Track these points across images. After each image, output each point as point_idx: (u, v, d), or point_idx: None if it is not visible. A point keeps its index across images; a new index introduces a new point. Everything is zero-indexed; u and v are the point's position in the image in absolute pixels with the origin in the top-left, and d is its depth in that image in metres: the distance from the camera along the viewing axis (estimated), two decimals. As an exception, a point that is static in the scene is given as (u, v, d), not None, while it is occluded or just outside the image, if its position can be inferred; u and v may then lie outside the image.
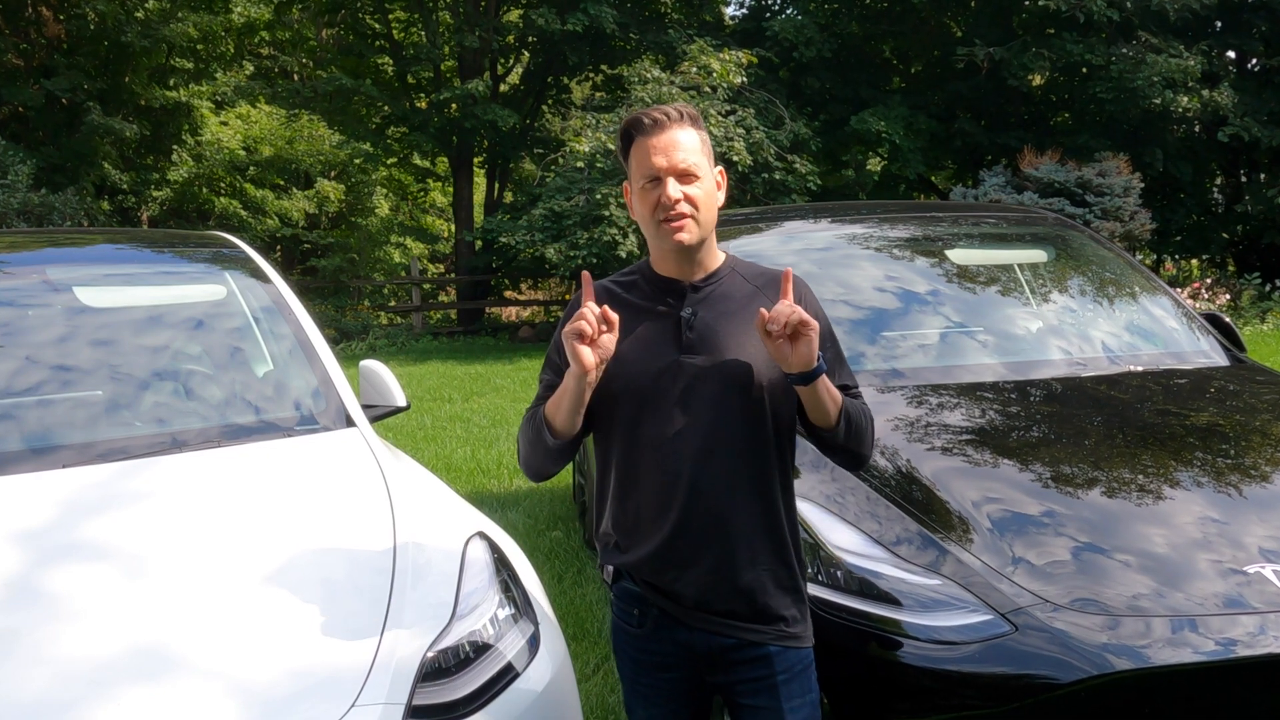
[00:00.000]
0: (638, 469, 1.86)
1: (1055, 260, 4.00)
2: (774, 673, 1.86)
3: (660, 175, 1.79)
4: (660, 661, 1.91)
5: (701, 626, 1.86)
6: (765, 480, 1.86)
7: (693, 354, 1.83)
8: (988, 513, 2.50)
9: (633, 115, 1.84)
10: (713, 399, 1.82)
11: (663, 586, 1.87)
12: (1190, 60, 15.99)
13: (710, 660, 1.88)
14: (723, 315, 1.86)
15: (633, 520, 1.88)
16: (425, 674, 1.96)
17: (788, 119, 15.94)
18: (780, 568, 1.88)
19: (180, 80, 18.46)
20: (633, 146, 1.84)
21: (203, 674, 1.84)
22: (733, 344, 1.84)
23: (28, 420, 2.69)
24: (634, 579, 1.90)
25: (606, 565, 1.98)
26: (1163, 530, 2.42)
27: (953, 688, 2.21)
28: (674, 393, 1.83)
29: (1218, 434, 2.92)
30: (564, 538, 5.19)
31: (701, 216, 1.82)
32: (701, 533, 1.83)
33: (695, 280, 1.88)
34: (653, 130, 1.81)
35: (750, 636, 1.86)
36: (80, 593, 2.01)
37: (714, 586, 1.84)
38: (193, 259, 3.58)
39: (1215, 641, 2.14)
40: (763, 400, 1.84)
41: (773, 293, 1.88)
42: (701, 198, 1.82)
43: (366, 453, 2.69)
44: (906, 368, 3.31)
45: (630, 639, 1.94)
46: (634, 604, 1.91)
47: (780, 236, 3.97)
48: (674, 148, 1.80)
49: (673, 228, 1.80)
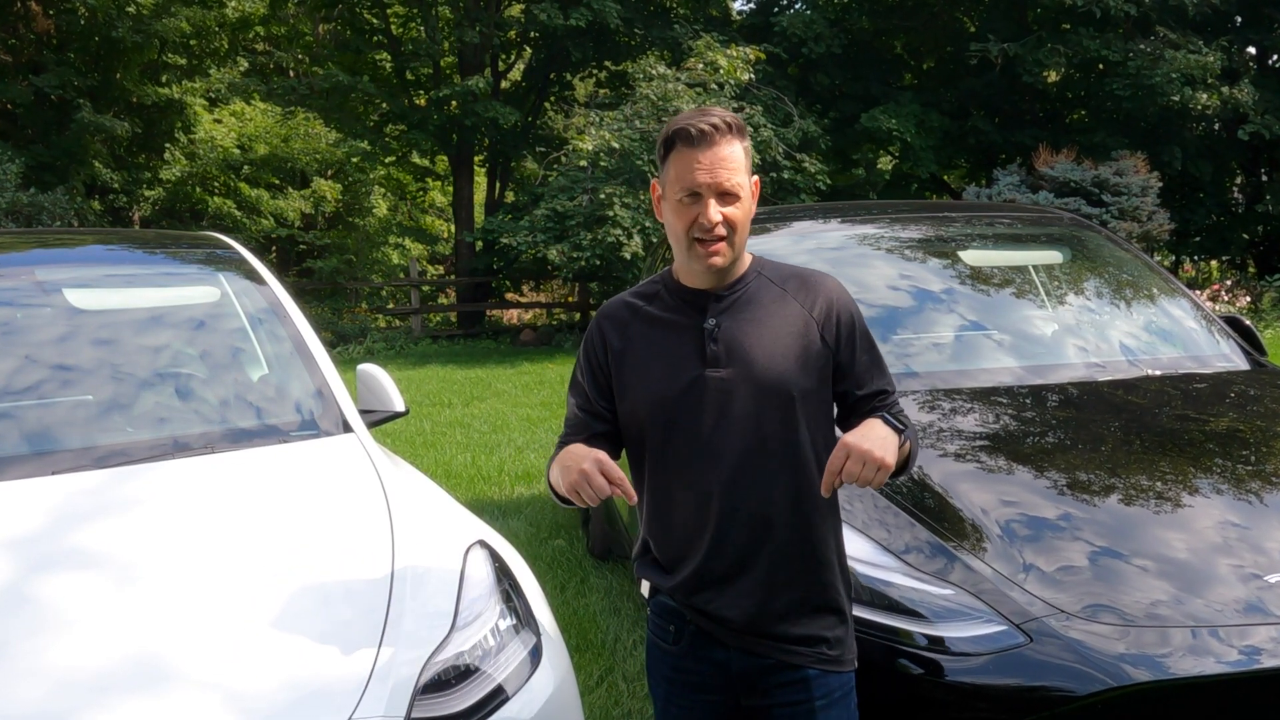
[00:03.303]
0: (670, 489, 1.81)
1: (1071, 261, 3.97)
2: (813, 697, 1.80)
3: (702, 193, 1.72)
4: (695, 681, 1.86)
5: (739, 646, 1.81)
6: (803, 497, 1.79)
7: (717, 367, 1.77)
8: (1001, 520, 2.47)
9: (680, 123, 1.74)
10: (742, 414, 1.76)
11: (700, 606, 1.82)
12: (1210, 56, 15.85)
13: (747, 682, 1.82)
14: (749, 323, 1.79)
15: (668, 541, 1.83)
16: (424, 686, 1.93)
17: (796, 117, 15.89)
18: (822, 588, 1.83)
19: (173, 77, 18.38)
20: (674, 154, 1.74)
21: (197, 685, 1.82)
22: (760, 354, 1.77)
23: (15, 425, 2.66)
24: (672, 596, 1.85)
25: (643, 580, 1.93)
26: (1181, 537, 2.39)
27: (965, 700, 2.17)
28: (701, 410, 1.76)
29: (1238, 440, 2.89)
30: (567, 547, 5.16)
31: (737, 239, 1.76)
32: (737, 553, 1.78)
33: (719, 289, 1.81)
34: (700, 142, 1.71)
35: (788, 659, 1.80)
36: (72, 601, 2.00)
37: (752, 607, 1.79)
38: (186, 260, 3.56)
39: (1238, 651, 2.11)
40: (794, 412, 1.77)
41: (802, 294, 1.82)
42: (740, 219, 1.75)
43: (364, 459, 2.67)
44: (919, 371, 3.28)
45: (665, 656, 1.89)
46: (670, 620, 1.86)
47: (790, 237, 3.94)
48: (719, 164, 1.71)
49: (708, 251, 1.74)
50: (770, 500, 1.77)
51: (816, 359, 1.79)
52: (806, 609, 1.81)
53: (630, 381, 1.81)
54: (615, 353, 1.83)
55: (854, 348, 1.83)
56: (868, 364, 1.85)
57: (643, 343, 1.79)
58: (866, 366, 1.84)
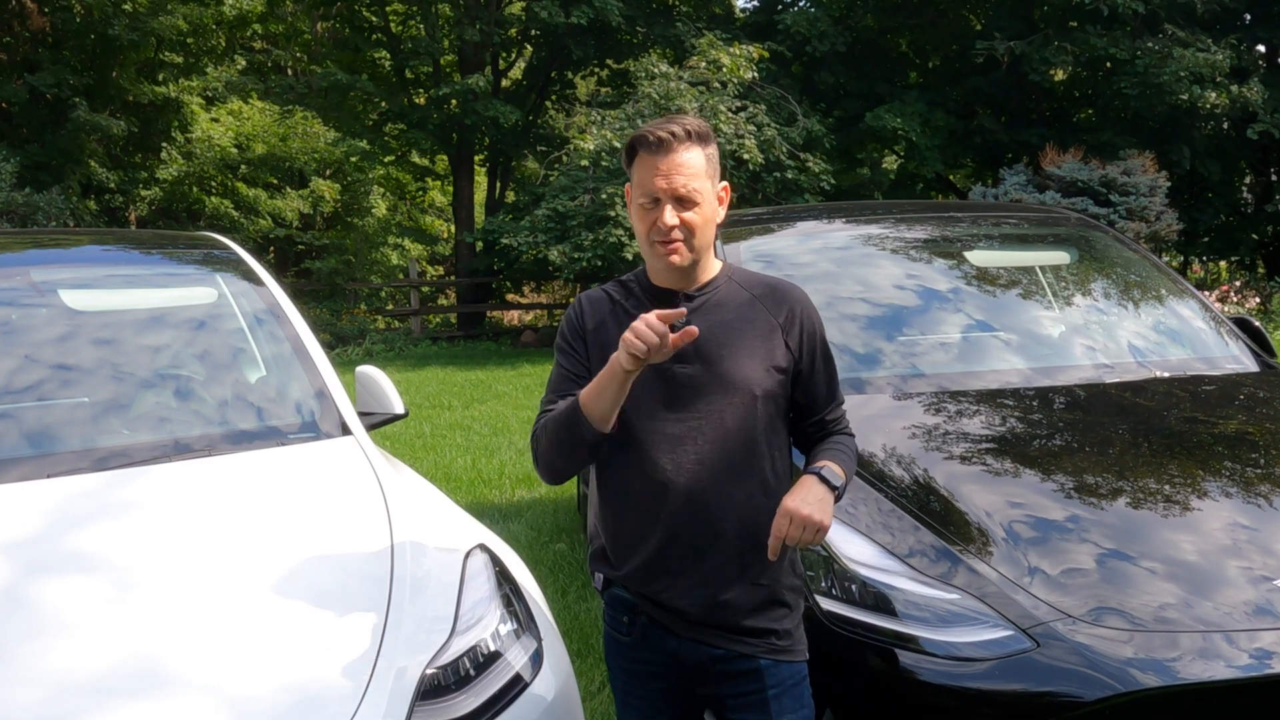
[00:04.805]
0: (627, 479, 1.87)
1: (1078, 262, 3.96)
2: (764, 687, 1.86)
3: (660, 198, 1.80)
4: (650, 671, 1.92)
5: (690, 637, 1.86)
6: (757, 492, 1.86)
7: (684, 363, 1.83)
8: (1008, 524, 2.45)
9: (640, 131, 1.84)
10: (705, 409, 1.83)
11: (652, 596, 1.87)
12: (1218, 54, 15.71)
13: (699, 671, 1.88)
14: (716, 324, 1.86)
15: (622, 530, 1.89)
16: (424, 691, 1.92)
17: (800, 115, 15.82)
18: (772, 581, 1.88)
19: (170, 75, 18.29)
20: (635, 160, 1.83)
21: (195, 690, 1.81)
22: (726, 352, 1.85)
23: (9, 428, 2.64)
24: (625, 587, 1.91)
25: (596, 573, 1.99)
26: (1189, 540, 2.37)
27: (971, 706, 2.16)
28: (665, 402, 1.83)
29: (1247, 442, 2.87)
30: (568, 550, 5.13)
31: (696, 241, 1.83)
32: (691, 544, 1.84)
33: (689, 290, 1.89)
34: (657, 150, 1.80)
35: (739, 649, 1.86)
36: (69, 605, 1.99)
37: (703, 598, 1.84)
38: (183, 261, 3.54)
39: (1248, 655, 2.09)
40: (755, 411, 1.84)
41: (770, 301, 1.90)
42: (698, 223, 1.82)
43: (363, 462, 2.66)
44: (923, 372, 3.26)
45: (620, 648, 1.95)
46: (624, 611, 1.92)
47: (794, 237, 3.93)
48: (676, 171, 1.79)
49: (666, 250, 1.82)
50: (725, 494, 1.83)
51: (779, 362, 1.87)
52: (757, 601, 1.86)
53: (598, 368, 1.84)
54: (590, 332, 1.92)
55: (814, 357, 1.92)
56: (824, 375, 1.94)
57: (615, 333, 1.83)
58: (823, 377, 1.94)
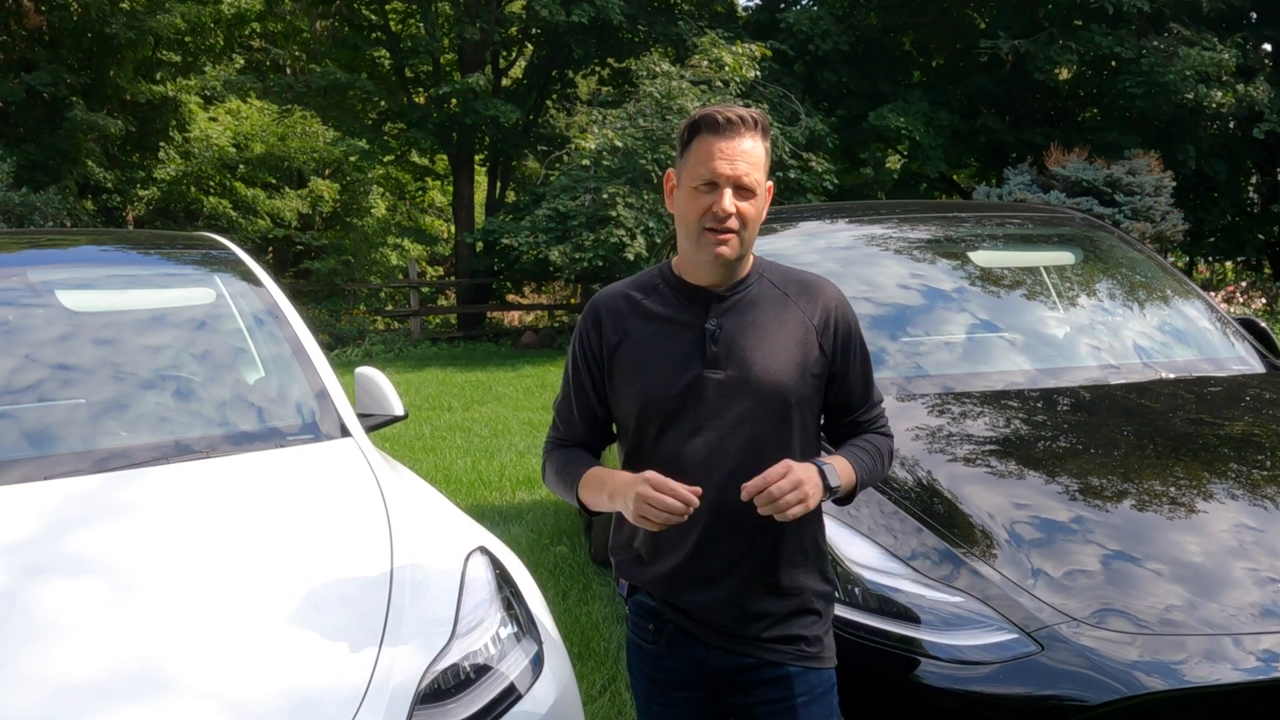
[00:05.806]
0: None
1: (1083, 262, 3.95)
2: (794, 694, 1.82)
3: (719, 182, 1.72)
4: (675, 680, 1.88)
5: (719, 645, 1.82)
6: None
7: (716, 368, 1.78)
8: (1011, 526, 2.44)
9: (707, 110, 1.76)
10: (738, 416, 1.78)
11: (681, 605, 1.84)
12: (1224, 53, 15.60)
13: (727, 680, 1.84)
14: (749, 325, 1.81)
15: (653, 538, 1.83)
16: (424, 695, 1.91)
17: (803, 115, 15.79)
18: (805, 589, 1.85)
19: (167, 74, 18.27)
20: (696, 141, 1.75)
21: (194, 692, 1.81)
22: (758, 357, 1.79)
23: (8, 430, 2.63)
24: (651, 594, 1.87)
25: (623, 579, 1.94)
26: (1194, 541, 2.36)
27: (975, 710, 2.15)
28: (698, 409, 1.78)
29: (1253, 443, 2.85)
30: (569, 553, 5.11)
31: (747, 234, 1.76)
32: (724, 553, 1.80)
33: (721, 289, 1.82)
34: (724, 131, 1.73)
35: (769, 656, 1.82)
36: (68, 608, 1.99)
37: (735, 606, 1.81)
38: (180, 261, 3.53)
39: (1255, 658, 2.07)
40: (789, 416, 1.80)
41: (803, 300, 1.85)
42: (753, 215, 1.76)
43: (362, 464, 2.65)
44: (927, 373, 3.25)
45: (644, 655, 1.91)
46: (649, 619, 1.88)
47: (798, 237, 3.92)
48: (740, 157, 1.72)
49: (717, 239, 1.74)
50: None
51: (813, 366, 1.82)
52: (788, 610, 1.83)
53: (626, 377, 1.82)
54: (610, 345, 1.84)
55: (850, 358, 1.87)
56: (860, 375, 1.88)
57: (640, 338, 1.80)
58: (859, 377, 1.88)
